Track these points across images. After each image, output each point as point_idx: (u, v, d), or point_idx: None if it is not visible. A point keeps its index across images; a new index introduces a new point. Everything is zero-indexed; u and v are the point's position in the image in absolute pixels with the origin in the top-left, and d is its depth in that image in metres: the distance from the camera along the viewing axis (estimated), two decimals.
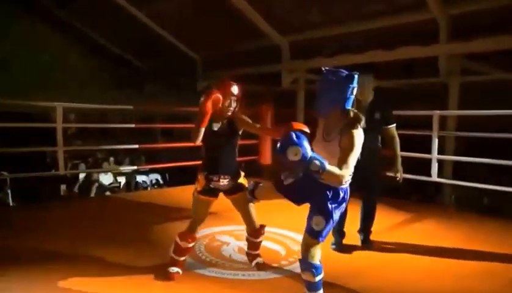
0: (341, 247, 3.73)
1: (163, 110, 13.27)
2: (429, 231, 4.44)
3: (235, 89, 3.05)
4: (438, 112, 5.43)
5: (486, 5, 5.47)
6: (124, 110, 8.32)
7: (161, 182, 10.01)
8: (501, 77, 6.44)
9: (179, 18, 9.19)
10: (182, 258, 3.06)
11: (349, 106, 2.34)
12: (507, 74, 6.33)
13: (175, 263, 3.04)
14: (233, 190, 3.06)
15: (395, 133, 3.70)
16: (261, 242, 3.28)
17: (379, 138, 3.70)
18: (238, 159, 8.63)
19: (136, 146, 6.61)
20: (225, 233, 4.08)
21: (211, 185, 2.98)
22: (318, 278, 2.40)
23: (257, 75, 9.70)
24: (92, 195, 8.21)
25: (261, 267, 3.22)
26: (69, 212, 5.06)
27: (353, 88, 2.33)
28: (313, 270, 2.38)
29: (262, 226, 3.22)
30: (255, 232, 3.19)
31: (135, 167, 9.00)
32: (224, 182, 2.99)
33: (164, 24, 9.63)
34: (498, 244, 3.92)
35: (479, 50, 5.74)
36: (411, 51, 6.24)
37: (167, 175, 10.22)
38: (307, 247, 2.43)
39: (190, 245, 3.05)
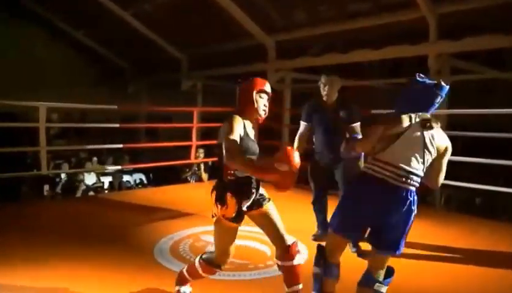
0: (321, 238, 3.68)
1: (147, 110, 13.16)
2: (419, 231, 4.36)
3: (268, 87, 2.51)
4: None
5: (474, 4, 5.47)
6: (108, 109, 8.15)
7: (145, 181, 9.84)
8: (490, 75, 6.44)
9: (164, 17, 9.07)
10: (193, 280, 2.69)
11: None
12: (495, 72, 6.34)
13: (184, 281, 2.65)
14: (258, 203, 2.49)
15: (359, 131, 3.66)
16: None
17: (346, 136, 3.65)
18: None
19: (120, 145, 6.47)
20: (209, 233, 3.92)
21: (244, 209, 2.39)
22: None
23: (243, 75, 9.62)
24: (78, 195, 8.05)
25: None
26: (52, 212, 4.95)
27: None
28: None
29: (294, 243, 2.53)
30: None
31: (119, 167, 8.81)
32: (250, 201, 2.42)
33: (148, 24, 9.49)
34: (490, 244, 3.90)
35: (469, 49, 5.75)
36: (400, 50, 6.21)
37: (151, 175, 10.06)
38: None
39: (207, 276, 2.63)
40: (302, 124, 3.75)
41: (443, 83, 2.27)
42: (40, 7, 10.76)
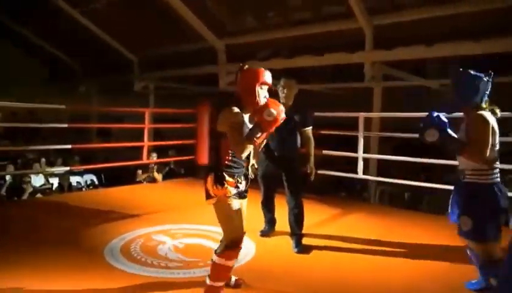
0: (267, 234, 4.03)
1: (98, 110, 12.96)
2: (357, 223, 4.79)
3: (269, 77, 2.56)
4: (363, 113, 5.86)
5: (406, 18, 6.00)
6: (57, 109, 8.01)
7: (96, 182, 9.72)
8: (417, 83, 7.08)
9: (116, 18, 9.05)
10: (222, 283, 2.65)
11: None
12: (421, 80, 6.98)
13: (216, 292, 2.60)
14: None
15: (311, 135, 3.89)
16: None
17: (298, 139, 3.89)
18: (178, 158, 8.64)
19: (69, 146, 6.43)
20: (161, 232, 4.13)
21: (241, 188, 2.61)
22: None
23: (195, 77, 9.79)
24: (25, 197, 7.84)
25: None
26: None
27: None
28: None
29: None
30: None
31: (68, 168, 8.69)
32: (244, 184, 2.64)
33: (100, 24, 9.42)
34: (416, 235, 4.32)
35: (399, 58, 6.29)
36: (339, 57, 6.66)
37: (102, 176, 9.95)
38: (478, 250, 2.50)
39: (232, 262, 2.62)
40: None
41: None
42: None
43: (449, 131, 2.46)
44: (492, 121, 2.48)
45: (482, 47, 5.35)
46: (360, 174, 5.86)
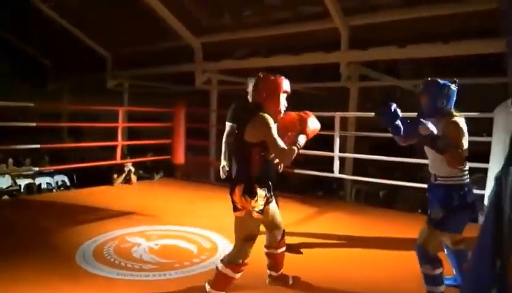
0: None
1: (69, 108, 12.58)
2: (334, 221, 4.83)
3: (289, 86, 2.61)
4: (339, 113, 5.89)
5: (381, 19, 6.09)
6: (25, 107, 7.73)
7: (68, 183, 9.45)
8: (390, 83, 7.21)
9: (88, 14, 8.82)
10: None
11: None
12: (394, 80, 7.11)
13: None
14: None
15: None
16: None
17: None
18: (152, 158, 8.47)
19: (38, 145, 6.21)
20: (135, 234, 4.05)
21: (270, 199, 2.59)
22: (437, 271, 2.57)
23: (170, 75, 9.66)
24: None
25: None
26: None
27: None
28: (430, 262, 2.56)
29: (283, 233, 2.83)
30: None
31: (36, 168, 8.41)
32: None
33: (71, 19, 9.15)
34: (390, 231, 4.40)
35: (374, 58, 6.38)
36: (316, 57, 6.70)
37: (74, 176, 9.68)
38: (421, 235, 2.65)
39: (238, 275, 2.61)
40: (228, 125, 3.80)
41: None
42: None
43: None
44: (464, 126, 2.60)
45: (453, 50, 5.48)
46: (336, 173, 5.89)
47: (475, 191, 4.49)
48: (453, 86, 2.65)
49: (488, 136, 4.32)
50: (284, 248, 2.82)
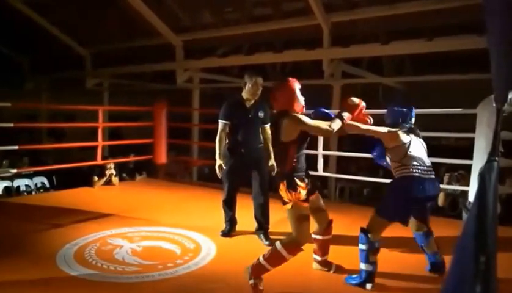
0: (228, 234, 3.98)
1: (47, 108, 12.29)
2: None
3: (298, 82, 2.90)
4: None
5: (362, 16, 6.10)
6: (1, 108, 7.53)
7: (47, 185, 9.24)
8: (373, 80, 7.25)
9: (65, 11, 8.61)
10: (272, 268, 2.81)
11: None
12: (377, 77, 7.15)
13: (262, 272, 2.79)
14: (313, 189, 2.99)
15: (269, 132, 3.90)
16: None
17: (261, 136, 3.93)
18: (135, 158, 8.30)
19: (16, 147, 6.04)
20: (117, 236, 3.97)
21: (310, 188, 2.88)
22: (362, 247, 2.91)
23: (151, 73, 9.53)
24: None
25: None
26: None
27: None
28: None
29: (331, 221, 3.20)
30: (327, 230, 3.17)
31: (15, 170, 8.19)
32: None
33: (47, 16, 8.92)
34: None
35: (356, 55, 6.39)
36: (298, 54, 6.68)
37: (54, 178, 9.48)
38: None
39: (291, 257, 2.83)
40: (222, 123, 3.79)
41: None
42: None
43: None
44: (402, 137, 2.95)
45: (435, 46, 5.53)
46: (320, 172, 5.90)
47: (459, 188, 4.55)
48: (405, 110, 3.07)
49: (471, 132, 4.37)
50: (330, 236, 3.14)
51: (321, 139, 5.80)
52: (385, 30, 6.08)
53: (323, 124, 2.72)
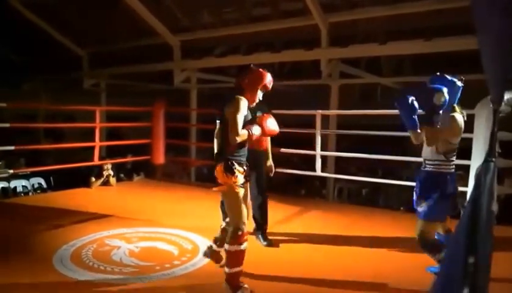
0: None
1: (44, 109, 12.23)
2: (317, 221, 4.81)
3: (271, 84, 2.88)
4: (320, 111, 5.86)
5: (360, 16, 6.09)
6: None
7: (45, 186, 9.20)
8: (371, 80, 7.23)
9: (63, 11, 8.56)
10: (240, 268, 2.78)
11: None
12: (375, 77, 7.14)
13: (237, 281, 2.76)
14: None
15: None
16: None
17: None
18: (132, 158, 8.27)
19: (12, 147, 6.00)
20: (115, 236, 3.94)
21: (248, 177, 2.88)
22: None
23: (149, 73, 9.49)
24: None
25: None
26: None
27: None
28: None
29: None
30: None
31: (11, 171, 8.16)
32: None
33: (44, 16, 8.87)
34: (373, 229, 4.41)
35: (354, 55, 6.38)
36: (296, 54, 6.66)
37: (51, 178, 9.43)
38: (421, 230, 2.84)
39: (244, 245, 2.81)
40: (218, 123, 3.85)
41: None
42: None
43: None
44: (461, 122, 2.80)
45: (434, 46, 5.52)
46: (319, 172, 5.88)
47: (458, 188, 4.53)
48: (459, 83, 2.86)
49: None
50: (242, 247, 2.81)
51: (318, 139, 5.78)
52: (383, 31, 6.06)
53: (241, 127, 2.66)
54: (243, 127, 2.69)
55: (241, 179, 2.75)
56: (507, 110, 3.90)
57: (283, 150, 5.77)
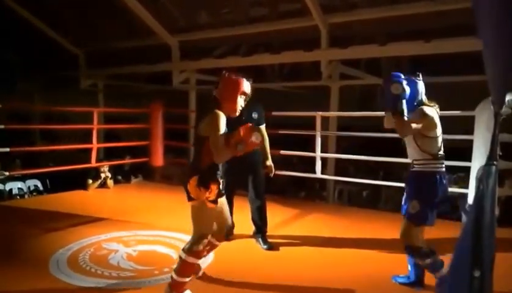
0: (225, 238, 3.89)
1: (39, 110, 12.12)
2: (314, 224, 4.77)
3: (249, 88, 2.72)
4: (320, 113, 5.82)
5: (360, 17, 6.04)
6: None
7: (41, 188, 9.11)
8: (371, 81, 7.19)
9: (59, 10, 8.49)
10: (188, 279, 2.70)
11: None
12: (375, 78, 7.09)
13: (180, 287, 2.67)
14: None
15: (265, 133, 3.91)
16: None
17: None
18: (130, 160, 8.19)
19: (7, 149, 5.93)
20: (112, 240, 3.89)
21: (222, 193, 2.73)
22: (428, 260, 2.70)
23: (147, 74, 9.43)
24: None
25: None
26: None
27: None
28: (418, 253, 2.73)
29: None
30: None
31: (7, 173, 8.07)
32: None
33: (41, 15, 8.79)
34: (374, 231, 4.38)
35: (354, 57, 6.33)
36: (296, 55, 6.61)
37: (47, 180, 9.34)
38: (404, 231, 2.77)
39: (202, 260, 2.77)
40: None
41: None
42: None
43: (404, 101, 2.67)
44: (432, 114, 2.73)
45: (434, 48, 5.48)
46: (319, 174, 5.83)
47: (458, 190, 4.52)
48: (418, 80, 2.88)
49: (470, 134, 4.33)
50: (197, 261, 2.75)
51: (318, 141, 5.75)
52: (383, 32, 6.02)
53: (220, 145, 2.47)
54: (225, 141, 2.52)
55: (214, 194, 2.60)
56: (508, 111, 3.87)
57: (282, 152, 5.73)
